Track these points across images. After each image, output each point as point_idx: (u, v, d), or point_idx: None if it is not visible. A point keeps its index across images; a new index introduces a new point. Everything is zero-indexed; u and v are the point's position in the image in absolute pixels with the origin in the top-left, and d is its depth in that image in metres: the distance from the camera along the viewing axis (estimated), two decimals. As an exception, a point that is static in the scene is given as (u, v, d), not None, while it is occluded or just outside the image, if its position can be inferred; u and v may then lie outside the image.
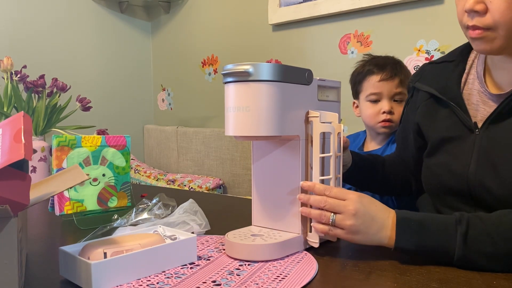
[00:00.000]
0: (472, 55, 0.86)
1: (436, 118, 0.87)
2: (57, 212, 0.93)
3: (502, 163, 0.74)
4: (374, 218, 0.70)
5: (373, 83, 1.28)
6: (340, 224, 0.70)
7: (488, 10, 0.69)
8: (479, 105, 0.81)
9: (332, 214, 0.70)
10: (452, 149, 0.82)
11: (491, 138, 0.77)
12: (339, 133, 0.75)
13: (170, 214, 0.87)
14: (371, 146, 1.35)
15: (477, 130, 0.78)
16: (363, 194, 0.72)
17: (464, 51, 0.87)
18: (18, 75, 1.43)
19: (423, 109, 0.90)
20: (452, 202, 0.83)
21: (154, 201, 0.92)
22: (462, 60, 0.86)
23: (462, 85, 0.84)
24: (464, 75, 0.85)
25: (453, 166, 0.81)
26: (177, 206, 0.89)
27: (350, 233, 0.70)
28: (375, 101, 1.29)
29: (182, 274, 0.64)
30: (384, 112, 1.27)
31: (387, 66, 1.28)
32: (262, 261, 0.69)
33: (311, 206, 0.73)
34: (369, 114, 1.30)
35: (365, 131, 1.42)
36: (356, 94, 1.37)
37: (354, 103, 1.40)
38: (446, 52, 1.52)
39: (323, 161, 0.74)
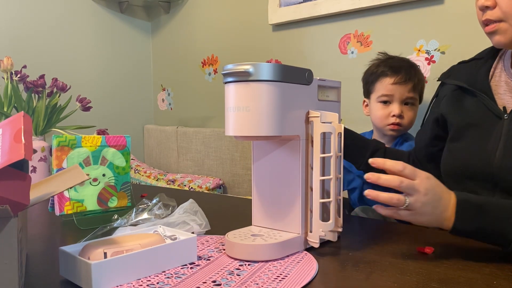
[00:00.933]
0: (500, 52, 0.91)
1: (462, 106, 0.90)
2: (57, 212, 0.93)
3: None
4: (440, 200, 0.70)
5: (385, 85, 1.28)
6: (411, 206, 0.68)
7: (497, 3, 0.78)
8: (506, 94, 0.85)
9: (406, 198, 0.68)
10: (479, 135, 0.85)
11: None
12: (339, 133, 0.75)
13: (170, 214, 0.87)
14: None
15: (506, 115, 0.82)
16: (429, 174, 0.71)
17: (494, 49, 0.92)
18: (18, 75, 1.43)
19: (448, 99, 0.94)
20: (472, 187, 0.85)
21: (154, 201, 0.92)
22: (491, 57, 0.91)
23: (489, 78, 0.89)
24: (492, 69, 0.90)
25: (480, 150, 0.84)
26: (177, 206, 0.89)
27: (417, 215, 0.69)
28: (386, 103, 1.29)
29: (182, 274, 0.64)
30: (394, 116, 1.27)
31: (402, 69, 1.28)
32: (262, 261, 0.69)
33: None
34: (379, 115, 1.30)
35: (371, 131, 1.42)
36: (367, 93, 1.37)
37: (364, 101, 1.40)
38: (446, 52, 1.53)
39: (323, 161, 0.74)
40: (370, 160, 0.70)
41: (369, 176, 0.68)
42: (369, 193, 0.69)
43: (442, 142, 0.97)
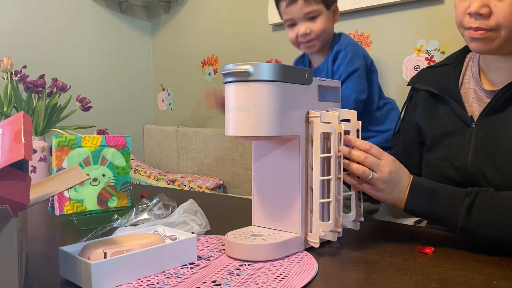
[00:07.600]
0: (467, 58, 0.91)
1: (435, 116, 0.91)
2: (57, 212, 0.93)
3: (498, 153, 0.79)
4: (400, 182, 0.77)
5: (283, 10, 1.27)
6: (373, 181, 0.75)
7: (492, 13, 0.74)
8: (474, 101, 0.86)
9: (371, 172, 0.75)
10: (451, 143, 0.87)
11: (486, 130, 0.81)
12: (339, 133, 0.75)
13: (170, 214, 0.87)
14: (317, 61, 1.33)
15: (473, 124, 0.83)
16: (394, 158, 0.78)
17: (460, 55, 0.92)
18: (18, 75, 1.43)
19: (422, 108, 0.94)
20: None
21: (154, 201, 0.92)
22: (459, 63, 0.91)
23: (459, 85, 0.89)
24: (461, 76, 0.90)
25: (453, 158, 0.86)
26: (177, 206, 0.89)
27: (377, 190, 0.76)
28: (293, 25, 1.27)
29: (182, 274, 0.64)
30: (301, 35, 1.25)
31: None
32: (262, 261, 0.69)
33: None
34: (290, 38, 1.30)
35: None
36: None
37: None
38: (446, 52, 1.53)
39: (323, 161, 0.74)
40: (344, 137, 0.76)
41: (342, 149, 0.75)
42: (344, 161, 0.76)
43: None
